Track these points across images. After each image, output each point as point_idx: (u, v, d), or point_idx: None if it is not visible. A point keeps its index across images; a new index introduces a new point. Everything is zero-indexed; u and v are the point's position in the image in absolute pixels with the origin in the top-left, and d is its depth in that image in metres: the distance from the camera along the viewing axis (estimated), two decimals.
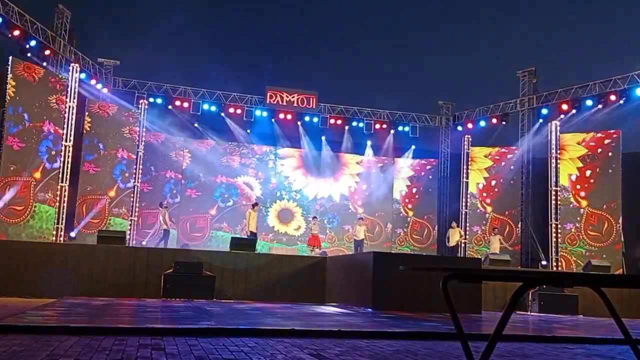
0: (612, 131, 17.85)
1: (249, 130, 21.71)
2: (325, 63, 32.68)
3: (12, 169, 14.46)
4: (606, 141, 17.76)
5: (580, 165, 17.83)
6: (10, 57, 14.78)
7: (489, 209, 20.32)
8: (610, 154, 17.59)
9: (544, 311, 12.12)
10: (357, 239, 17.70)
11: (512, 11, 33.53)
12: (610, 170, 17.48)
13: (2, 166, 14.20)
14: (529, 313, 12.24)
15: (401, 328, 6.63)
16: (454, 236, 18.04)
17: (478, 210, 20.25)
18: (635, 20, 29.98)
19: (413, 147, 22.66)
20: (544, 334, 6.99)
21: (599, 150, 17.73)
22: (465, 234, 19.16)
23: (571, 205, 17.66)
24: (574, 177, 17.79)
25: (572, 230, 17.52)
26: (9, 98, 14.49)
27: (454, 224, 18.50)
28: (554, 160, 17.61)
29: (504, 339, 5.73)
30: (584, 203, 17.61)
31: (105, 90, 19.57)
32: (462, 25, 33.83)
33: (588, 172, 17.69)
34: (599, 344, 6.28)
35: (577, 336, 6.76)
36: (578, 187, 17.74)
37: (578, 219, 17.55)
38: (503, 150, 20.67)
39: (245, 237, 15.40)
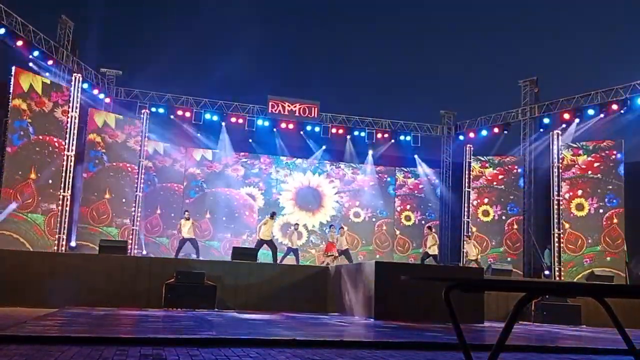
0: (614, 140, 17.84)
1: (250, 140, 21.75)
2: (327, 73, 32.79)
3: (16, 178, 14.47)
4: (608, 150, 17.75)
5: (583, 174, 17.80)
6: (14, 67, 14.83)
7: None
8: (612, 163, 17.57)
9: (546, 321, 12.07)
10: (341, 249, 17.03)
11: (514, 20, 33.67)
12: (612, 180, 17.44)
13: (5, 176, 14.21)
14: (531, 323, 12.19)
15: (403, 338, 6.60)
16: (431, 242, 16.70)
17: (478, 220, 20.19)
18: (637, 29, 30.08)
19: (415, 156, 22.68)
20: (547, 344, 6.96)
21: (601, 159, 17.69)
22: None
23: (572, 215, 17.61)
24: (575, 186, 17.77)
25: (574, 239, 17.47)
26: (12, 109, 14.52)
27: (432, 228, 17.37)
28: (555, 170, 17.61)
29: (507, 349, 5.71)
30: (586, 212, 17.55)
31: (107, 100, 19.65)
32: (464, 35, 33.95)
33: (590, 182, 17.65)
34: (603, 354, 6.25)
35: (580, 346, 6.73)
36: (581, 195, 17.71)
37: (580, 227, 17.49)
38: (505, 159, 20.67)
39: (249, 246, 15.23)
